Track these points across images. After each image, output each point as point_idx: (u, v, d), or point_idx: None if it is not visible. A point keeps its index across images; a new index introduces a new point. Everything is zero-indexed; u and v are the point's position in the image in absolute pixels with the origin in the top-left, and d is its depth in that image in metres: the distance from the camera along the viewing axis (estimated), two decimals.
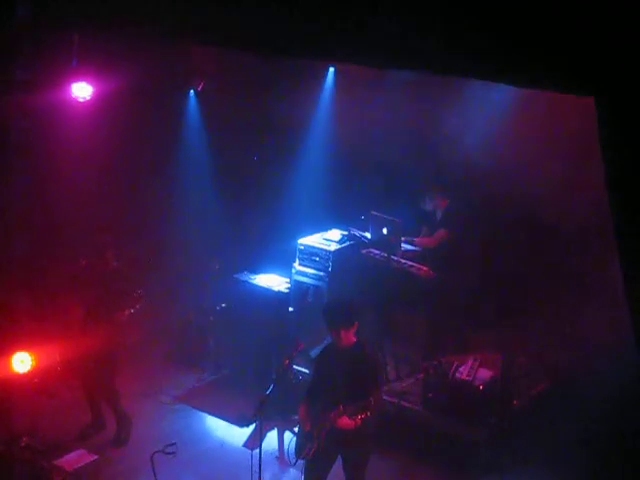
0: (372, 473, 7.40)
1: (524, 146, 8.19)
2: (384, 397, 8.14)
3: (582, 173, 7.83)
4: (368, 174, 9.75)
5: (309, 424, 6.31)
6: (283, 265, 9.35)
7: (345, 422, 6.04)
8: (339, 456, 6.46)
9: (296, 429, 6.51)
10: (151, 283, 9.58)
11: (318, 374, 6.52)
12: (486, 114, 8.32)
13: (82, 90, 9.03)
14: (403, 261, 8.57)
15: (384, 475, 7.70)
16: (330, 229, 9.43)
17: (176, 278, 10.53)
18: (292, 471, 7.53)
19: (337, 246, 9.06)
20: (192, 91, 10.70)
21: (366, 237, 8.93)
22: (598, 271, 7.90)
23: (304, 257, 9.10)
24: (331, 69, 10.00)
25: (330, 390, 6.26)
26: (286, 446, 6.44)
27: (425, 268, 8.49)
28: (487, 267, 8.95)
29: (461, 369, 7.88)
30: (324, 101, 10.11)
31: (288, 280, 9.24)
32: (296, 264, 9.15)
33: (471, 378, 7.76)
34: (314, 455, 6.29)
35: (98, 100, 9.27)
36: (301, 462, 6.48)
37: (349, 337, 6.26)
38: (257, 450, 6.23)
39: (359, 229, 9.04)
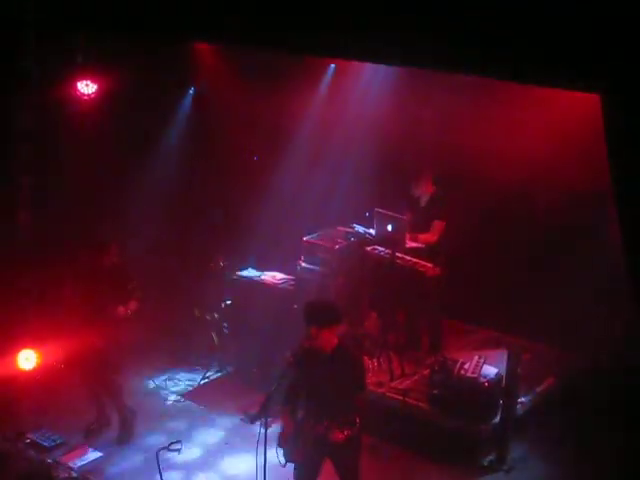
0: (377, 470, 7.43)
1: (516, 142, 8.20)
2: (388, 394, 8.22)
3: (574, 167, 7.88)
4: (373, 169, 9.73)
5: (294, 430, 6.28)
6: (288, 262, 9.34)
7: (335, 436, 6.00)
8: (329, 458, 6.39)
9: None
10: (155, 280, 9.61)
11: (298, 378, 6.35)
12: (494, 111, 8.32)
13: (86, 88, 9.06)
14: (407, 258, 8.56)
15: (388, 472, 7.70)
16: (335, 226, 9.41)
17: (180, 275, 10.54)
18: None
19: (342, 243, 9.05)
20: (192, 89, 10.70)
21: (370, 234, 8.91)
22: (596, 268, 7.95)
23: (309, 254, 9.09)
24: (332, 66, 9.99)
25: (313, 396, 6.23)
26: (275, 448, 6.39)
27: (429, 265, 8.48)
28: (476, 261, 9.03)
29: (466, 366, 7.87)
30: (325, 97, 10.09)
31: (293, 277, 9.22)
32: (301, 261, 9.14)
33: (476, 375, 7.75)
34: (302, 459, 6.27)
35: (99, 98, 9.29)
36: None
37: (330, 338, 6.16)
38: (262, 447, 6.22)
39: (363, 226, 9.02)
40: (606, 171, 4.44)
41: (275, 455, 6.29)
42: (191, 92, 10.76)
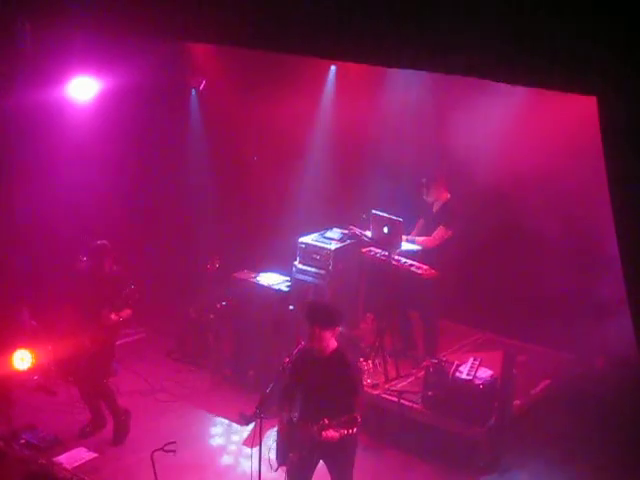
0: (371, 471, 7.44)
1: (528, 152, 8.20)
2: (383, 395, 8.23)
3: (572, 169, 7.89)
4: (370, 171, 9.74)
5: (289, 432, 6.26)
6: (284, 263, 9.34)
7: (330, 435, 5.94)
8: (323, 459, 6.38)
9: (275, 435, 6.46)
10: (151, 281, 9.60)
11: (294, 380, 6.34)
12: (491, 114, 8.33)
13: (84, 87, 9.06)
14: (403, 260, 8.57)
15: (383, 473, 7.72)
16: (331, 228, 9.42)
17: (177, 276, 10.54)
18: None
19: (338, 245, 9.05)
20: (193, 90, 10.71)
21: (367, 236, 8.92)
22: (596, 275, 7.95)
23: (305, 255, 9.09)
24: (332, 67, 10.00)
25: (308, 398, 6.21)
26: (267, 451, 6.38)
27: (425, 267, 8.48)
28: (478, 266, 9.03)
29: (461, 368, 7.88)
30: (325, 99, 10.10)
31: (289, 278, 9.23)
32: (297, 262, 9.14)
33: (471, 377, 7.75)
34: (297, 460, 6.24)
35: (99, 100, 9.29)
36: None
37: (330, 340, 6.14)
38: (257, 448, 6.22)
39: (360, 228, 9.03)
40: (603, 173, 4.45)
41: (270, 456, 6.30)
42: (192, 94, 10.77)
